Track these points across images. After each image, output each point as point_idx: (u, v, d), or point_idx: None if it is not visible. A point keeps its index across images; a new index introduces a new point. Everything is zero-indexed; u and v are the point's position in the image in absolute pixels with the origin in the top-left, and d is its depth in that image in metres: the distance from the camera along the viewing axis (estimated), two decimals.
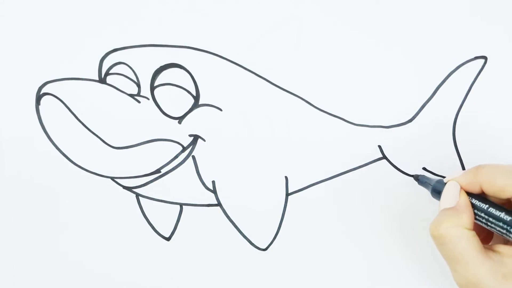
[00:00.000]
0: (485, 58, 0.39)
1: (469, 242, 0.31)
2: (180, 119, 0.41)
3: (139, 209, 0.42)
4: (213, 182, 0.42)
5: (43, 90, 0.40)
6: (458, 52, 0.39)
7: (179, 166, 0.41)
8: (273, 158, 0.41)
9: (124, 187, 0.42)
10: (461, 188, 0.34)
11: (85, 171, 0.41)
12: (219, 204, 0.42)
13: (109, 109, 0.40)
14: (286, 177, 0.42)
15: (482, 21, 0.39)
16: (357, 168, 0.41)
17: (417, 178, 0.38)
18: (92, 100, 0.40)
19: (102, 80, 0.40)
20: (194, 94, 0.40)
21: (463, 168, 0.41)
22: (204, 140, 0.41)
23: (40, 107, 0.40)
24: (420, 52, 0.39)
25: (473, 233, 0.32)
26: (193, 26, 0.39)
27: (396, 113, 0.41)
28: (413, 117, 0.40)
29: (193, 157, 0.41)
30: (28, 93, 0.40)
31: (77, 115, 0.40)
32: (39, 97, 0.40)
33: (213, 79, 0.40)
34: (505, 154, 0.41)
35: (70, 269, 0.44)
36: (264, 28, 0.39)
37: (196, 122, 0.41)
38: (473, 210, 0.33)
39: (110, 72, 0.40)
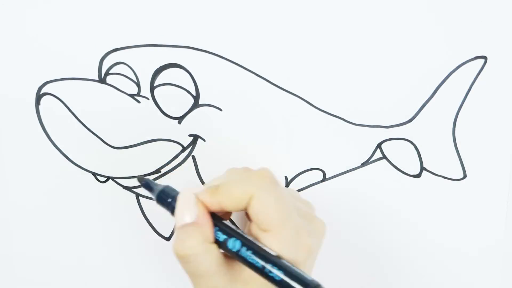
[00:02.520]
0: (485, 58, 0.39)
1: (212, 257, 0.31)
2: (180, 119, 0.41)
3: (139, 209, 0.42)
4: None
5: (43, 90, 0.40)
6: (458, 52, 0.39)
7: (179, 166, 0.41)
8: (273, 158, 0.41)
9: (124, 187, 0.42)
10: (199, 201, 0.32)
11: (85, 171, 0.41)
12: None
13: (109, 109, 0.40)
14: (286, 177, 0.42)
15: (482, 21, 0.39)
16: (357, 168, 0.41)
17: (141, 181, 0.34)
18: (92, 100, 0.40)
19: (102, 80, 0.40)
20: (194, 94, 0.40)
21: (463, 169, 0.41)
22: (204, 140, 0.41)
23: (40, 107, 0.40)
24: (420, 52, 0.39)
25: (215, 246, 0.31)
26: (193, 26, 0.39)
27: (396, 113, 0.41)
28: (413, 117, 0.40)
29: (193, 157, 0.41)
30: (28, 93, 0.40)
31: (77, 115, 0.40)
32: (39, 97, 0.40)
33: (213, 79, 0.40)
34: (505, 154, 0.41)
35: (70, 269, 0.44)
36: (264, 28, 0.39)
37: (196, 122, 0.41)
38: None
39: (110, 72, 0.40)
